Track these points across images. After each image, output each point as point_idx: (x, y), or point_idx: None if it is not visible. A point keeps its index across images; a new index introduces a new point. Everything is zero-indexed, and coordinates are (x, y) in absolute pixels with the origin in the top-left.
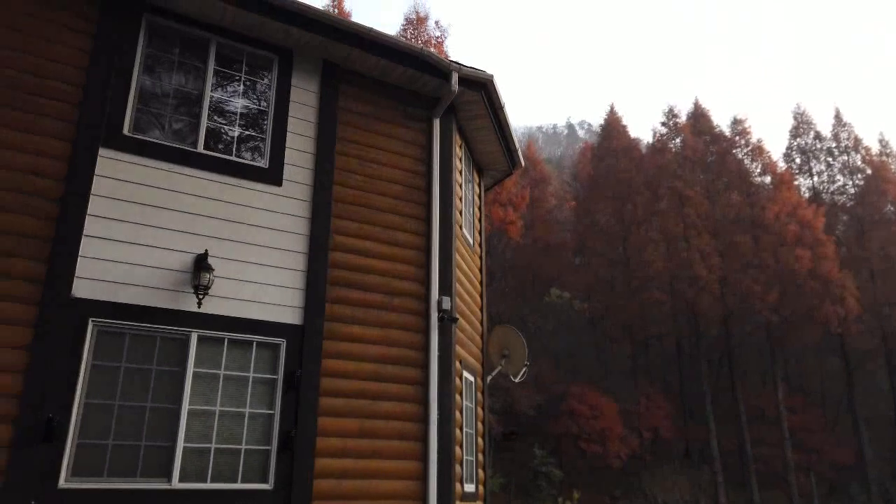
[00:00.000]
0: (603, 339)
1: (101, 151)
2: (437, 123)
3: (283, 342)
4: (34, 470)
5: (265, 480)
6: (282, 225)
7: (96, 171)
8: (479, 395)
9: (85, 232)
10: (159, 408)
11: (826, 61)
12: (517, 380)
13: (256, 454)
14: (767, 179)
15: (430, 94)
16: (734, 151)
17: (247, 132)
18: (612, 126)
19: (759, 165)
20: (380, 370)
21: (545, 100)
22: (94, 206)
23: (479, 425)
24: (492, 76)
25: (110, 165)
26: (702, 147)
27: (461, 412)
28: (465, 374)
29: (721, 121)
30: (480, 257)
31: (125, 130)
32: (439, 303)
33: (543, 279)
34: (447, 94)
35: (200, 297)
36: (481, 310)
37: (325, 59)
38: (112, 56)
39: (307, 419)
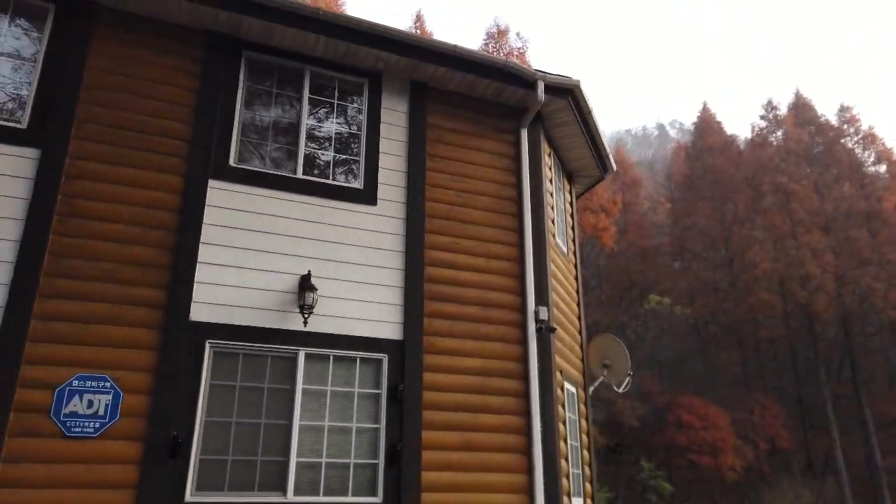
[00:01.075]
0: (709, 346)
1: (211, 183)
2: (524, 134)
3: (384, 357)
4: (163, 485)
5: (374, 493)
6: (378, 243)
7: (207, 202)
8: (583, 406)
9: (199, 259)
10: (272, 424)
11: None
12: (621, 390)
13: (364, 468)
14: (883, 168)
15: (517, 105)
16: (843, 141)
17: (341, 155)
18: (706, 123)
19: (873, 154)
20: (480, 383)
21: (632, 102)
22: (206, 234)
23: (584, 438)
24: (578, 82)
25: (219, 195)
26: (806, 138)
27: (565, 424)
28: (567, 384)
29: (825, 110)
30: (575, 265)
31: (231, 162)
32: (536, 313)
33: (641, 286)
34: (533, 103)
35: (306, 316)
36: (579, 319)
37: (412, 79)
38: (217, 93)
39: (412, 432)
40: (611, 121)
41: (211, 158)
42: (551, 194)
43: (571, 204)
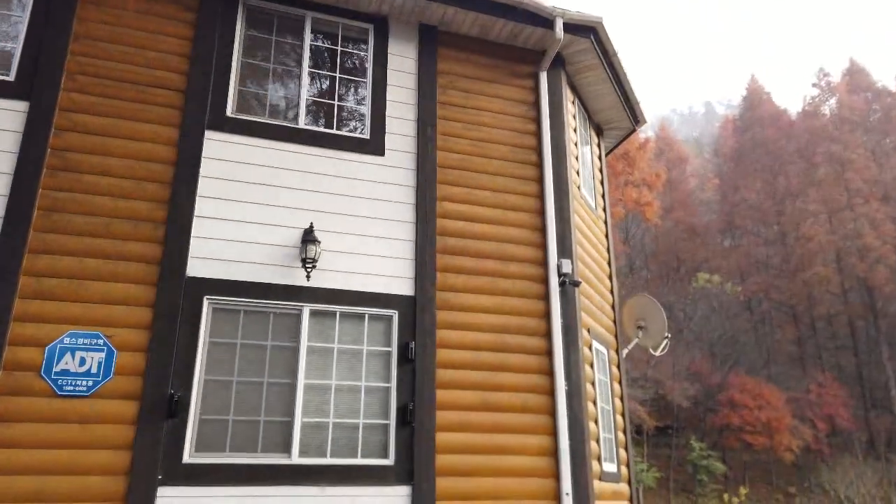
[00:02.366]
0: (762, 324)
1: (208, 134)
2: (544, 78)
3: (394, 313)
4: (160, 445)
5: (385, 455)
6: (387, 195)
7: (203, 154)
8: (615, 368)
9: (196, 213)
10: (276, 383)
11: None
12: (658, 353)
13: (375, 429)
14: None
15: (535, 48)
16: None
17: (347, 104)
18: (755, 95)
19: None
20: (499, 340)
21: (677, 82)
22: (203, 187)
23: (618, 402)
24: (600, 19)
25: (217, 147)
26: (862, 105)
27: (594, 385)
28: (596, 344)
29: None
30: (605, 222)
31: (229, 112)
32: (558, 266)
33: (689, 264)
34: (552, 43)
35: (308, 270)
36: (610, 278)
37: (421, 22)
38: (213, 42)
39: (425, 392)
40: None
41: (207, 109)
42: (576, 144)
43: (600, 158)
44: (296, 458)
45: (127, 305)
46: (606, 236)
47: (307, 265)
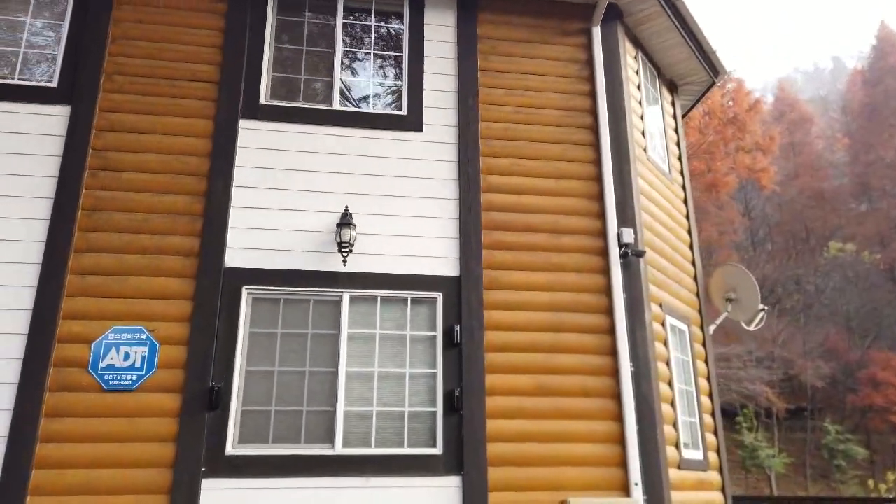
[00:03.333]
0: None
1: (242, 123)
2: (597, 33)
3: (438, 296)
4: (202, 437)
5: (433, 444)
6: (427, 172)
7: (239, 143)
8: (700, 346)
9: (233, 203)
10: (318, 372)
11: None
12: (752, 327)
13: (421, 417)
14: None
15: (585, 1)
16: None
17: (383, 82)
18: (886, 42)
19: None
20: (554, 319)
21: (799, 38)
22: (239, 177)
23: (703, 382)
24: None
25: (251, 136)
26: None
27: (668, 365)
28: (671, 320)
29: None
30: (684, 187)
31: (262, 100)
32: (619, 236)
33: (819, 233)
34: None
35: (345, 254)
36: (690, 248)
37: None
38: (244, 29)
39: (473, 377)
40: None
41: (241, 98)
42: (640, 102)
43: (675, 117)
44: (339, 449)
45: (167, 299)
46: (685, 202)
47: (343, 249)
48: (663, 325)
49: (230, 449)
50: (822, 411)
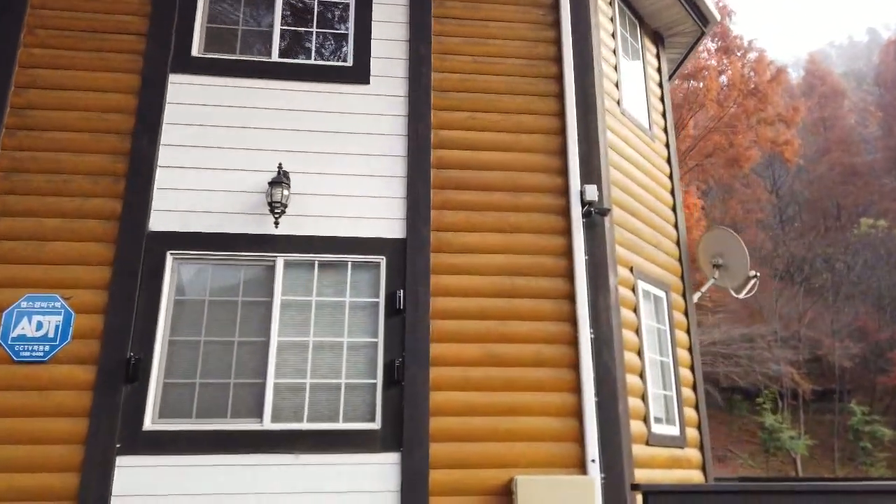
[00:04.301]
0: None
1: (172, 77)
2: None
3: (382, 260)
4: (118, 412)
5: (371, 419)
6: (373, 127)
7: (168, 99)
8: (680, 315)
9: (159, 163)
10: (248, 342)
11: None
12: (741, 295)
13: (359, 389)
14: None
15: None
16: None
17: (326, 31)
18: None
19: None
20: (508, 284)
21: (833, 12)
22: (167, 135)
23: (684, 353)
24: None
25: (182, 90)
26: None
27: (638, 333)
28: (644, 285)
29: None
30: (668, 146)
31: (194, 52)
32: (582, 193)
33: (850, 210)
34: None
35: (276, 215)
36: (673, 210)
37: None
38: None
39: (417, 346)
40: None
41: (171, 51)
42: (614, 51)
43: (660, 71)
44: (268, 424)
45: (86, 265)
46: (669, 161)
47: (275, 210)
48: (634, 290)
49: (149, 424)
50: (852, 393)
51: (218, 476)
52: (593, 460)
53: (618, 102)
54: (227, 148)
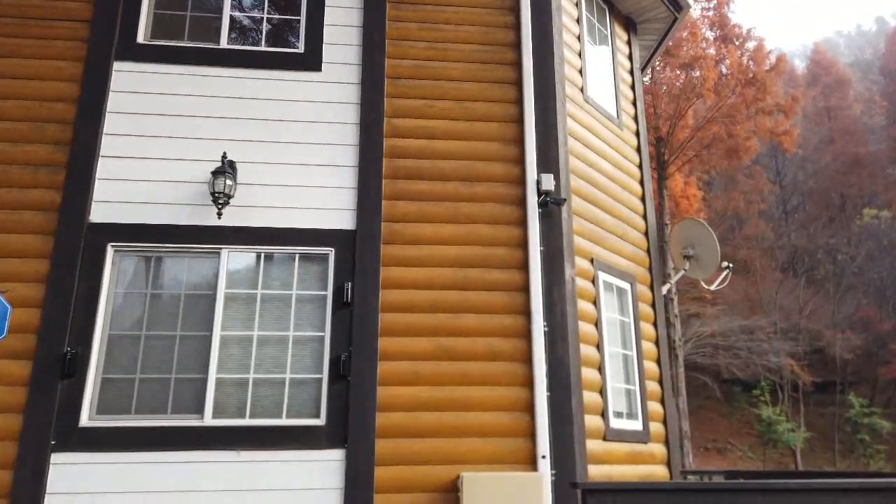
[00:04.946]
0: None
1: (116, 65)
2: None
3: (331, 251)
4: (53, 408)
5: (316, 415)
6: (325, 116)
7: (112, 87)
8: (647, 307)
9: (102, 153)
10: (190, 336)
11: None
12: (713, 287)
13: (305, 385)
14: None
15: None
16: None
17: (277, 16)
18: None
19: None
20: (460, 276)
21: (839, 0)
22: (110, 124)
23: (649, 346)
24: None
25: (126, 78)
26: None
27: (598, 326)
28: (607, 277)
29: None
30: (637, 135)
31: (140, 39)
32: (538, 183)
33: (855, 200)
34: None
35: (220, 206)
36: (642, 201)
37: None
38: None
39: (364, 340)
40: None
41: (115, 38)
42: (578, 38)
43: (631, 58)
44: (209, 420)
45: (24, 258)
46: (639, 150)
47: (219, 201)
48: (594, 282)
49: (85, 420)
50: (853, 385)
51: (156, 474)
52: (544, 456)
53: (581, 90)
54: (172, 137)
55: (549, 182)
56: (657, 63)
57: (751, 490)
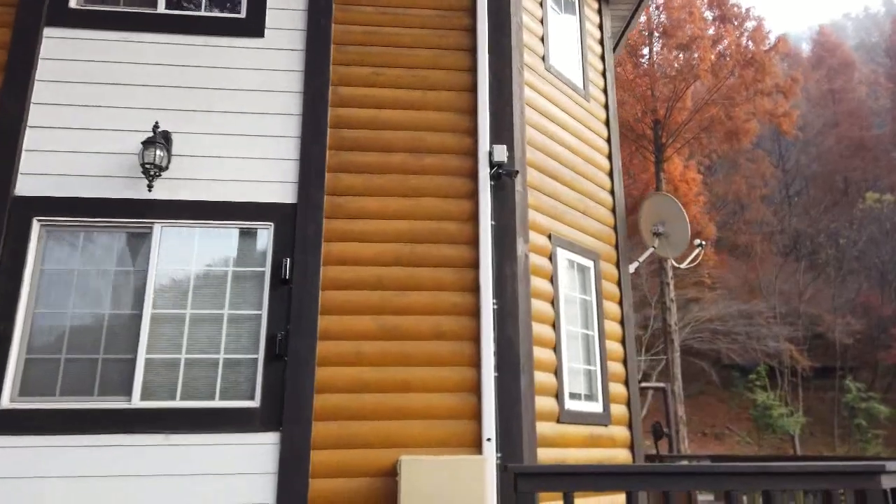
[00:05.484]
0: None
1: (46, 31)
2: None
3: (270, 226)
4: None
5: (251, 396)
6: (267, 84)
7: (41, 55)
8: (611, 285)
9: (29, 123)
10: (120, 315)
11: None
12: (683, 265)
13: (240, 365)
14: None
15: None
16: None
17: None
18: None
19: None
20: (406, 252)
21: None
22: (39, 93)
23: (614, 326)
24: None
25: (56, 46)
26: None
27: (554, 304)
28: (567, 254)
29: None
30: (606, 107)
31: (73, 4)
32: (490, 154)
33: (857, 184)
34: None
35: (150, 178)
36: (610, 175)
37: None
38: None
39: (303, 319)
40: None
41: (45, 3)
42: (541, 4)
43: (602, 28)
44: (137, 402)
45: None
46: (607, 124)
47: (150, 173)
48: (551, 258)
49: (7, 402)
50: (854, 370)
51: (82, 458)
52: (489, 439)
53: (543, 58)
54: (105, 107)
55: (501, 153)
56: (656, 44)
57: (678, 473)
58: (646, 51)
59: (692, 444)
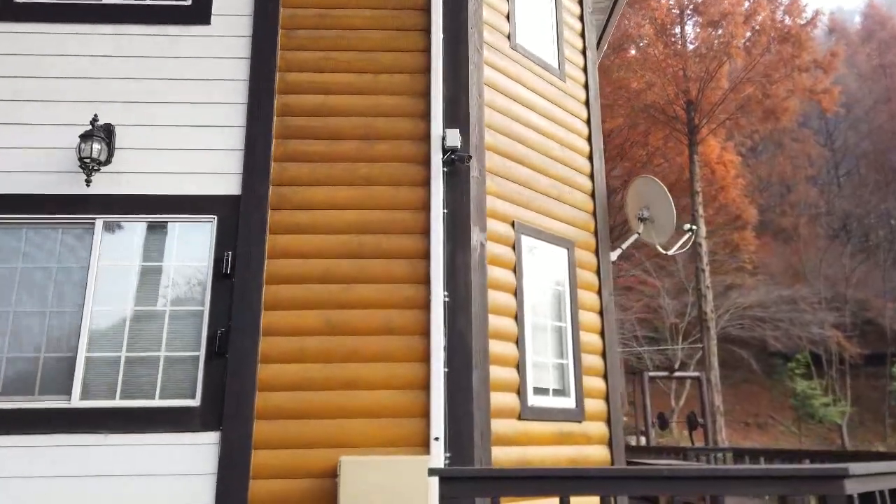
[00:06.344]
0: None
1: None
2: None
3: (213, 219)
4: None
5: (192, 395)
6: (212, 73)
7: None
8: (589, 274)
9: None
10: (60, 312)
11: None
12: (671, 252)
13: (182, 363)
14: None
15: None
16: None
17: None
18: None
19: None
20: (355, 244)
21: None
22: None
23: (591, 317)
24: None
25: (0, 40)
26: None
27: (517, 295)
28: (532, 242)
29: None
30: (586, 87)
31: None
32: (443, 139)
33: None
34: None
35: (89, 173)
36: (590, 159)
37: None
38: None
39: (245, 315)
40: None
41: None
42: None
43: (581, 2)
44: (77, 401)
45: None
46: (587, 104)
47: (89, 168)
48: (514, 247)
49: None
50: None
51: (22, 459)
52: (437, 438)
53: (508, 37)
54: (49, 101)
55: (454, 138)
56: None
57: (615, 478)
58: (677, 30)
59: (735, 434)
